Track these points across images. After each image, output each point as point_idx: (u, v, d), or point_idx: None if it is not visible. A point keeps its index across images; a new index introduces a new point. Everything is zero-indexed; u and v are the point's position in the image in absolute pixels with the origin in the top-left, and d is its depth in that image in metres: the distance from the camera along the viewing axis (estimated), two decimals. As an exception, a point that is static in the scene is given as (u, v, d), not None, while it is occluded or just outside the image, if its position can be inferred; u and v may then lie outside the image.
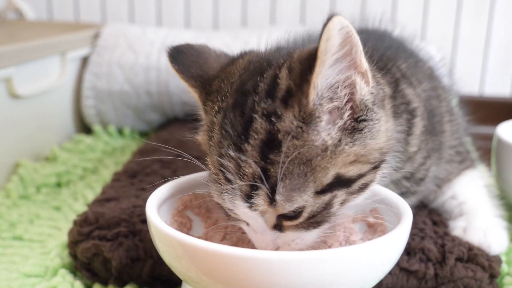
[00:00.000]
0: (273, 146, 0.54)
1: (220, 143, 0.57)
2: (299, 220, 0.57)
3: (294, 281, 0.53)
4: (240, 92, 0.58)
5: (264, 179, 0.54)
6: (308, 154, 0.54)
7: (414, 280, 0.72)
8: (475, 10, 1.59)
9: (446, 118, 0.82)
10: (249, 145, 0.55)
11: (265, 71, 0.58)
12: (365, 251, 0.55)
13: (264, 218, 0.57)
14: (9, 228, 0.96)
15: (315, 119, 0.55)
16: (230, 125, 0.56)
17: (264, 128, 0.55)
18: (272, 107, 0.55)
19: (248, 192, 0.55)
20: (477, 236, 0.78)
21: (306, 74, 0.54)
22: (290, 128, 0.54)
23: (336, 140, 0.55)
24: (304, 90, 0.54)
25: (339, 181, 0.56)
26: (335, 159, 0.55)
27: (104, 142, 1.36)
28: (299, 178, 0.54)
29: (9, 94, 1.14)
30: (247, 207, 0.56)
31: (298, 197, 0.55)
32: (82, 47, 1.40)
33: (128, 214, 0.81)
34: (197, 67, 0.65)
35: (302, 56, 0.56)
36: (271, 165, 0.54)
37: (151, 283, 0.76)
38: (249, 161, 0.54)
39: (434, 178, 0.81)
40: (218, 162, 0.57)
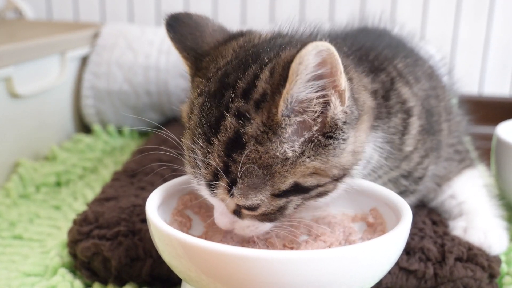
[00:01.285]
0: (237, 146, 0.56)
1: (195, 128, 0.59)
2: (255, 213, 0.60)
3: (293, 281, 0.53)
4: (222, 82, 0.59)
5: (224, 173, 0.57)
6: (269, 160, 0.56)
7: (414, 279, 0.72)
8: (474, 10, 1.59)
9: (443, 117, 0.82)
10: (217, 139, 0.57)
11: (249, 66, 0.59)
12: (364, 250, 0.55)
13: (224, 203, 0.60)
14: (8, 227, 0.96)
15: (281, 129, 0.56)
16: (206, 115, 0.58)
17: (233, 127, 0.56)
18: (245, 108, 0.56)
19: (210, 180, 0.58)
20: (478, 236, 0.78)
21: (281, 84, 0.54)
22: (256, 132, 0.56)
23: (298, 152, 0.57)
24: (275, 99, 0.55)
25: (296, 189, 0.58)
26: (295, 169, 0.57)
27: (103, 141, 1.36)
28: (257, 180, 0.57)
29: (9, 94, 1.14)
30: (209, 193, 0.60)
31: (253, 196, 0.57)
32: (81, 47, 1.40)
33: (128, 214, 0.81)
34: (193, 39, 0.65)
35: (286, 61, 0.55)
36: (233, 162, 0.56)
37: (151, 283, 0.76)
38: (214, 154, 0.57)
39: (433, 177, 0.81)
40: (190, 146, 0.60)
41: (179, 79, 1.37)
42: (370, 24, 0.97)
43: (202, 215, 0.72)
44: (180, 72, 1.36)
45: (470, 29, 1.60)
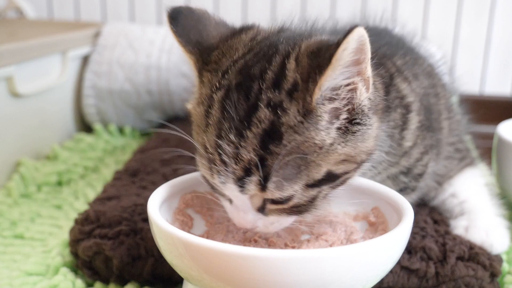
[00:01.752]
0: (275, 137, 0.55)
1: (220, 123, 0.57)
2: (284, 206, 0.59)
3: (295, 280, 0.53)
4: (245, 75, 0.58)
5: (260, 167, 0.55)
6: (305, 149, 0.56)
7: (415, 278, 0.72)
8: (475, 9, 1.59)
9: (444, 115, 0.82)
10: (251, 132, 0.55)
11: (272, 57, 0.59)
12: (366, 249, 0.55)
13: (251, 200, 0.59)
14: (10, 226, 0.96)
15: (316, 117, 0.56)
16: (234, 108, 0.56)
17: (268, 118, 0.55)
18: (278, 99, 0.56)
19: (242, 176, 0.56)
20: (479, 235, 0.78)
21: (314, 72, 0.55)
22: (292, 122, 0.55)
23: (332, 139, 0.57)
24: (309, 88, 0.55)
25: (328, 178, 0.58)
26: (328, 157, 0.57)
27: (104, 141, 1.36)
28: (293, 170, 0.56)
29: (10, 93, 1.14)
30: (238, 190, 0.57)
31: (289, 187, 0.56)
32: (82, 46, 1.40)
33: (129, 213, 0.81)
34: (196, 32, 0.64)
35: (310, 50, 0.57)
36: (269, 155, 0.55)
37: (152, 282, 0.76)
38: (249, 148, 0.55)
39: (433, 175, 0.82)
40: (215, 142, 0.57)
41: (180, 78, 1.37)
42: (371, 23, 0.97)
43: (203, 214, 0.72)
44: (182, 71, 1.36)
45: (471, 28, 1.60)
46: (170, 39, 1.41)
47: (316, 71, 0.55)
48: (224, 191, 0.59)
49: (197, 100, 0.62)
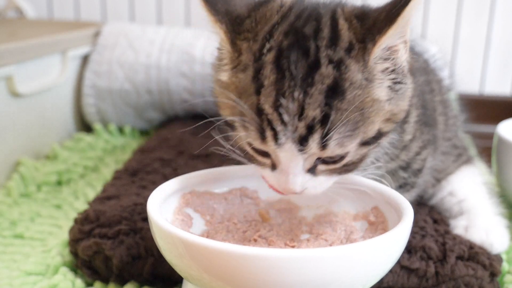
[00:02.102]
0: (338, 93, 0.56)
1: (280, 83, 0.56)
2: (336, 166, 0.60)
3: (295, 279, 0.53)
4: (298, 35, 0.58)
5: (324, 123, 0.55)
6: (364, 106, 0.57)
7: (415, 278, 0.72)
8: (475, 9, 1.59)
9: (439, 110, 0.82)
10: (315, 88, 0.55)
11: (319, 18, 0.60)
12: (366, 249, 0.55)
13: (305, 161, 0.59)
14: (10, 226, 0.96)
15: (373, 75, 0.58)
16: (293, 66, 0.56)
17: (332, 74, 0.56)
18: (339, 56, 0.57)
19: (304, 134, 0.56)
20: (479, 235, 0.78)
21: (371, 32, 0.57)
22: (355, 78, 0.57)
23: (385, 96, 0.59)
24: (367, 47, 0.57)
25: (377, 136, 0.60)
26: (380, 114, 0.59)
27: (104, 140, 1.36)
28: (352, 127, 0.57)
29: (10, 92, 1.14)
30: (298, 149, 0.57)
31: (348, 143, 0.57)
32: (82, 46, 1.40)
33: (129, 212, 0.81)
34: (223, 1, 0.63)
35: (354, 13, 0.60)
36: (333, 111, 0.55)
37: (152, 281, 0.76)
38: (314, 104, 0.55)
39: (431, 170, 0.82)
40: (275, 102, 0.56)
41: (180, 78, 1.37)
42: None
43: (203, 214, 0.72)
44: (181, 71, 1.36)
45: (471, 28, 1.60)
46: (170, 38, 1.41)
47: (372, 30, 0.57)
48: (279, 153, 0.58)
49: (236, 69, 0.60)
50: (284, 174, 0.60)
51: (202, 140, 1.20)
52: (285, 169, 0.59)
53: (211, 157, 1.08)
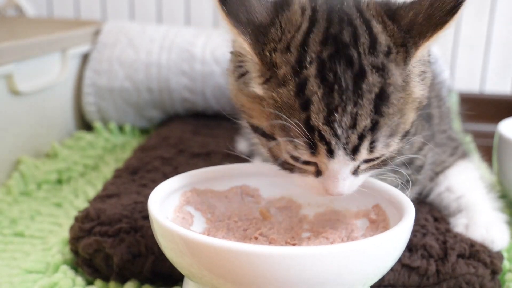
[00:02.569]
0: (384, 99, 0.56)
1: (330, 97, 0.55)
2: (376, 162, 0.60)
3: (295, 277, 0.53)
4: (337, 43, 0.57)
5: (373, 129, 0.56)
6: (405, 105, 0.58)
7: (416, 276, 0.72)
8: (475, 8, 1.59)
9: (434, 104, 0.83)
10: (365, 98, 0.55)
11: (352, 22, 0.59)
12: (367, 247, 0.55)
13: (353, 166, 0.59)
14: (10, 224, 0.95)
15: (410, 77, 0.59)
16: (342, 78, 0.56)
17: (378, 82, 0.56)
18: (381, 62, 0.57)
19: (357, 143, 0.56)
20: (480, 232, 0.78)
21: (411, 36, 0.58)
22: (397, 82, 0.57)
23: (420, 91, 0.60)
24: (409, 51, 0.58)
25: (411, 127, 0.61)
26: (414, 107, 0.60)
27: (104, 139, 1.36)
28: (395, 126, 0.57)
29: (10, 91, 1.14)
30: (351, 158, 0.57)
31: (392, 142, 0.58)
32: (82, 44, 1.40)
33: (130, 210, 0.81)
34: (244, 11, 0.59)
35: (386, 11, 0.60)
36: (381, 117, 0.56)
37: (153, 279, 0.76)
38: (365, 114, 0.55)
39: (431, 165, 0.82)
40: (327, 117, 0.55)
41: (180, 76, 1.37)
42: None
43: (204, 212, 0.72)
44: (182, 69, 1.36)
45: (472, 26, 1.60)
46: (170, 37, 1.41)
47: (415, 35, 0.58)
48: (330, 164, 0.58)
49: (271, 82, 0.58)
50: (333, 180, 0.59)
51: (203, 139, 1.20)
52: (333, 175, 0.59)
53: (211, 155, 1.08)
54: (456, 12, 0.57)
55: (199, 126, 1.31)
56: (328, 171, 0.59)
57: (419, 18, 0.58)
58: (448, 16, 0.57)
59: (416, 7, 0.59)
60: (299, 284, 0.54)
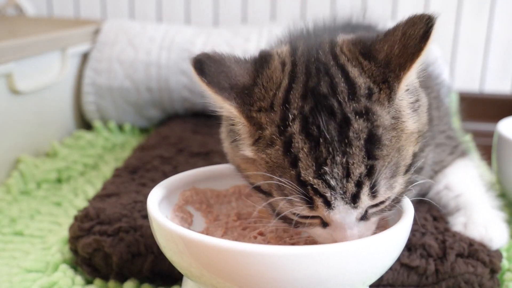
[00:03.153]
0: (375, 142, 0.55)
1: (317, 151, 0.55)
2: (385, 204, 0.59)
3: (294, 276, 0.53)
4: (316, 96, 0.57)
5: (370, 175, 0.55)
6: (399, 141, 0.57)
7: (415, 275, 0.72)
8: (475, 7, 1.59)
9: (433, 105, 0.83)
10: (354, 146, 0.54)
11: (328, 70, 0.58)
12: (366, 246, 0.55)
13: (358, 213, 0.57)
14: (9, 223, 0.96)
15: (400, 111, 0.58)
16: (326, 131, 0.55)
17: (365, 126, 0.55)
18: (364, 105, 0.56)
19: (355, 192, 0.55)
20: (478, 230, 0.78)
21: (391, 70, 0.57)
22: (386, 122, 0.56)
23: (413, 124, 0.59)
24: (392, 86, 0.57)
25: (414, 159, 0.60)
26: (411, 140, 0.59)
27: (104, 138, 1.36)
28: (394, 166, 0.56)
29: (10, 90, 1.14)
30: (352, 207, 0.56)
31: (395, 183, 0.57)
32: (82, 43, 1.40)
33: (129, 210, 0.81)
34: (224, 77, 0.60)
35: (360, 49, 0.59)
36: (376, 160, 0.55)
37: (152, 279, 0.76)
38: (358, 162, 0.54)
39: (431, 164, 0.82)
40: (317, 171, 0.55)
41: (180, 75, 1.37)
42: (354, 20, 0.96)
43: (203, 211, 0.72)
44: (181, 68, 1.36)
45: (471, 26, 1.60)
46: (170, 36, 1.41)
47: (395, 68, 0.56)
48: (334, 216, 0.57)
49: (259, 143, 0.58)
50: (340, 230, 0.58)
51: (202, 138, 1.20)
52: (340, 226, 0.58)
53: (211, 154, 1.08)
54: (428, 36, 0.55)
55: (199, 126, 1.31)
56: (334, 222, 0.58)
57: (395, 50, 0.57)
58: (422, 42, 0.55)
59: (390, 39, 0.58)
60: (298, 284, 0.54)
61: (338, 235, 0.58)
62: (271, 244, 0.67)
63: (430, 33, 0.55)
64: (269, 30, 1.39)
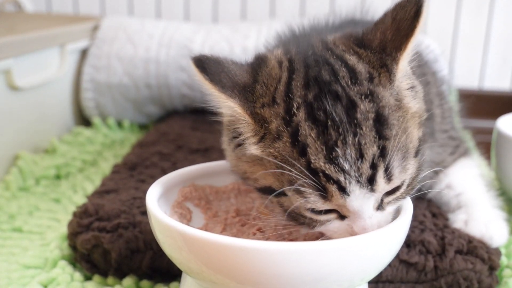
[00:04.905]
0: (383, 123, 0.55)
1: (326, 135, 0.54)
2: (401, 191, 0.58)
3: (293, 272, 0.53)
4: (319, 83, 0.57)
5: (384, 156, 0.55)
6: (406, 122, 0.57)
7: (414, 272, 0.72)
8: (475, 4, 1.58)
9: (435, 103, 0.82)
10: (364, 126, 0.54)
11: (326, 60, 0.59)
12: (365, 242, 0.55)
13: (375, 200, 0.57)
14: (8, 220, 0.95)
15: (401, 91, 0.59)
16: (331, 117, 0.55)
17: (372, 107, 0.56)
18: (367, 88, 0.57)
19: (371, 174, 0.54)
20: (479, 228, 0.78)
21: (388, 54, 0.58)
22: (391, 103, 0.57)
23: (415, 105, 0.60)
24: (391, 69, 0.58)
25: (420, 141, 0.60)
26: (415, 123, 0.60)
27: (103, 134, 1.36)
28: (404, 147, 0.56)
29: (8, 86, 1.14)
30: (368, 191, 0.55)
31: (408, 165, 0.57)
32: (81, 40, 1.40)
33: (128, 206, 0.81)
34: (225, 76, 0.60)
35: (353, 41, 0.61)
36: (387, 140, 0.55)
37: (151, 275, 0.76)
38: (370, 142, 0.54)
39: (430, 163, 0.82)
40: (329, 155, 0.54)
41: (179, 72, 1.36)
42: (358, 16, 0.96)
43: (202, 208, 0.72)
44: (180, 65, 1.36)
45: (471, 23, 1.60)
46: (169, 32, 1.41)
47: (392, 51, 0.58)
48: (349, 203, 0.55)
49: (266, 139, 0.58)
50: (359, 220, 0.57)
51: (201, 135, 1.20)
52: (358, 215, 0.57)
53: (210, 151, 1.08)
54: (420, 15, 0.57)
55: (198, 122, 1.31)
56: (350, 212, 0.56)
57: (388, 35, 0.58)
58: (414, 20, 0.57)
59: (381, 27, 0.59)
60: (297, 280, 0.54)
61: (357, 225, 0.57)
62: (270, 240, 0.67)
63: (421, 11, 0.57)
64: (269, 27, 1.39)
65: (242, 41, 1.36)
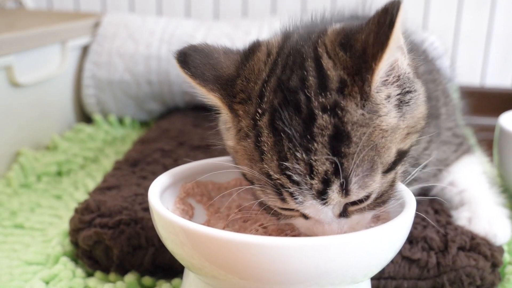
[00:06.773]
0: (343, 139, 0.53)
1: (279, 146, 0.54)
2: (366, 203, 0.57)
3: (295, 268, 0.53)
4: (285, 90, 0.56)
5: (335, 174, 0.53)
6: (374, 138, 0.54)
7: (416, 268, 0.72)
8: (476, 1, 1.58)
9: (441, 100, 0.82)
10: (317, 142, 0.53)
11: (303, 63, 0.57)
12: (368, 238, 0.54)
13: (333, 209, 0.56)
14: (10, 216, 0.95)
15: (377, 105, 0.55)
16: (288, 126, 0.54)
17: (330, 122, 0.53)
18: (332, 100, 0.54)
19: (321, 189, 0.54)
20: (483, 226, 0.77)
21: (364, 60, 0.54)
22: (356, 117, 0.54)
23: (394, 119, 0.56)
24: (365, 78, 0.54)
25: (399, 156, 0.57)
26: (395, 136, 0.56)
27: (104, 131, 1.36)
28: (369, 164, 0.54)
29: (10, 83, 1.14)
30: (321, 203, 0.55)
31: (370, 182, 0.55)
32: (82, 36, 1.40)
33: (130, 202, 0.81)
34: (210, 68, 0.60)
35: (338, 43, 0.56)
36: (344, 157, 0.53)
37: (153, 271, 0.76)
38: (321, 159, 0.53)
39: (435, 161, 0.81)
40: (280, 166, 0.54)
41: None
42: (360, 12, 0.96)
43: (204, 204, 0.72)
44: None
45: (472, 20, 1.60)
46: (170, 29, 1.40)
47: (368, 58, 0.53)
48: (304, 211, 0.56)
49: (239, 135, 0.59)
50: (319, 224, 0.58)
51: (203, 131, 1.20)
52: (317, 220, 0.57)
53: (211, 147, 1.08)
54: (393, 23, 0.52)
55: (199, 119, 1.31)
56: (311, 217, 0.57)
57: (370, 39, 0.53)
58: (390, 29, 0.52)
59: (367, 28, 0.54)
60: (299, 275, 0.54)
61: (317, 228, 0.58)
62: (272, 236, 0.67)
63: (395, 20, 0.52)
64: (270, 24, 1.38)
65: (243, 37, 1.36)
